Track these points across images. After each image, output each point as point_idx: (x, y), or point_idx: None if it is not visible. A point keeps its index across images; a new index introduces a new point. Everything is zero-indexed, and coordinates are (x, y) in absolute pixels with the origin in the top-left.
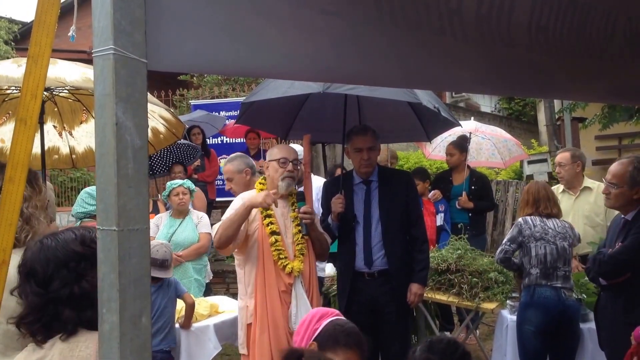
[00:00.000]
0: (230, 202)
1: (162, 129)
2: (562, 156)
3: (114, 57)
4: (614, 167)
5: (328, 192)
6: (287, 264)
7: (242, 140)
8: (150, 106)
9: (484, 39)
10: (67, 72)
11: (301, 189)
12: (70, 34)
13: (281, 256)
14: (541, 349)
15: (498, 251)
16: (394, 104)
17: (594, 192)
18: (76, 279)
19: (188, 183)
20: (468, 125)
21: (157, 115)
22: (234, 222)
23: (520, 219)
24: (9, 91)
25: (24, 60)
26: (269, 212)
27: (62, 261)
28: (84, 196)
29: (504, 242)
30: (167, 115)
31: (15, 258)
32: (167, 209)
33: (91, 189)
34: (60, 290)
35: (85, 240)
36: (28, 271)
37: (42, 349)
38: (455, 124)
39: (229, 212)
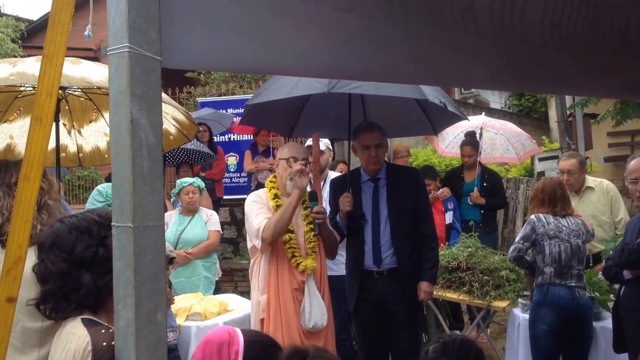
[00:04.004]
0: (238, 199)
1: (172, 130)
2: (571, 164)
3: (129, 55)
4: (633, 164)
5: (335, 190)
6: (300, 262)
7: (249, 138)
8: (164, 106)
9: (497, 35)
10: (91, 72)
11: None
12: (86, 32)
13: (295, 254)
14: (554, 348)
15: (511, 250)
16: (399, 99)
17: (596, 191)
18: (100, 242)
19: (198, 182)
20: (477, 120)
21: (169, 116)
22: (290, 212)
23: (533, 217)
24: (22, 88)
25: None
26: None
27: (84, 228)
28: (94, 193)
29: (517, 240)
30: (180, 116)
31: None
32: (174, 207)
33: (102, 187)
34: (85, 252)
35: (102, 214)
36: (51, 244)
37: (60, 327)
38: (462, 117)
39: (253, 213)
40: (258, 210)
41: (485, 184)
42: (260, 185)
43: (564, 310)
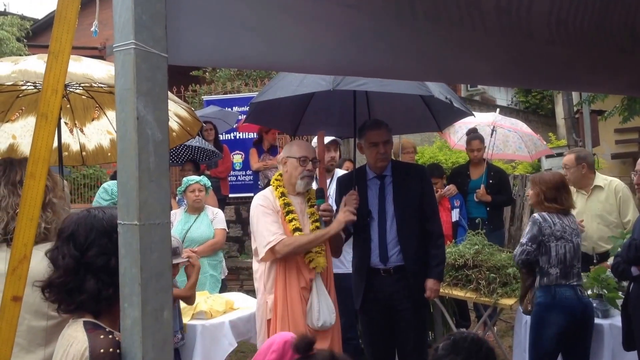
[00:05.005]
0: (244, 197)
1: (175, 126)
2: (567, 158)
3: (135, 51)
4: None
5: (342, 188)
6: (312, 259)
7: (254, 136)
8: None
9: (504, 31)
10: (93, 69)
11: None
12: (92, 29)
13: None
14: (557, 350)
15: (519, 252)
16: (403, 96)
17: (605, 190)
18: (115, 251)
19: (204, 180)
20: (489, 118)
21: (172, 113)
22: (321, 241)
23: (537, 216)
24: (24, 87)
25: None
26: (290, 208)
27: (106, 231)
28: (100, 191)
29: (524, 242)
30: (184, 113)
31: (40, 254)
32: (180, 206)
33: (108, 184)
34: (96, 257)
35: None
36: (69, 234)
37: (66, 326)
38: (468, 113)
39: (266, 221)
40: (267, 217)
41: (491, 181)
42: (269, 183)
43: (572, 310)
